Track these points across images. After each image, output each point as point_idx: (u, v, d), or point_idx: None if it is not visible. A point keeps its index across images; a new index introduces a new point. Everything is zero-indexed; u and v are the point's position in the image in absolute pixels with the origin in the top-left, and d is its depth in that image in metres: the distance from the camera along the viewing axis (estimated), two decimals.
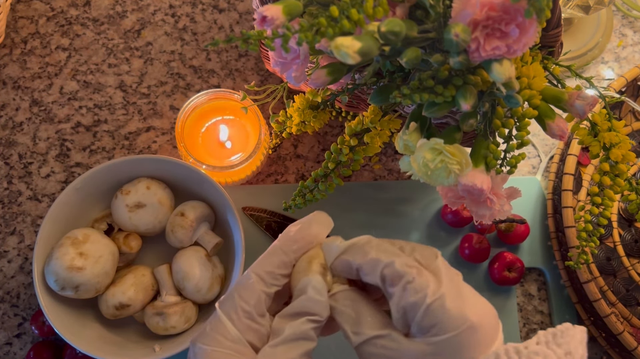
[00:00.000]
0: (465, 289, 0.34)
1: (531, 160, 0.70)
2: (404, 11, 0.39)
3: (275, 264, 0.37)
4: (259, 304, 0.35)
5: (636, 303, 0.62)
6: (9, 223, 0.66)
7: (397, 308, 0.34)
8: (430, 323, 0.32)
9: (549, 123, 0.42)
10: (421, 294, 0.33)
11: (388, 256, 0.35)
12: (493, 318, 0.34)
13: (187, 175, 0.60)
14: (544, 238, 0.67)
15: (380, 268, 0.34)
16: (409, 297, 0.33)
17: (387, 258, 0.34)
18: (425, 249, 0.36)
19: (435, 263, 0.35)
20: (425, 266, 0.35)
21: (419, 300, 0.33)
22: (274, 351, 0.34)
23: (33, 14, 0.71)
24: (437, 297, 0.33)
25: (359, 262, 0.35)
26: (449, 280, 0.34)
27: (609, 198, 0.46)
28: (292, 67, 0.40)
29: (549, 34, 0.45)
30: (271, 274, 0.36)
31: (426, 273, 0.34)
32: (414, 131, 0.43)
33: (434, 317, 0.32)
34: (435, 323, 0.32)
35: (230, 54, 0.71)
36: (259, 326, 0.35)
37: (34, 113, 0.69)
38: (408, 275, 0.33)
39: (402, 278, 0.34)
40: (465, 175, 0.40)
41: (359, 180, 0.69)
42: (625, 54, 0.73)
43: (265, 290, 0.36)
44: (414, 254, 0.35)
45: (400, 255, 0.35)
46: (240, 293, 0.36)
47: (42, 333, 0.62)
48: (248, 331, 0.35)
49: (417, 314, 0.33)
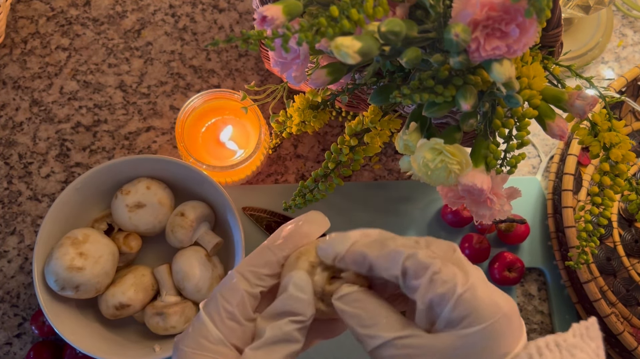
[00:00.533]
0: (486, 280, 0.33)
1: (531, 160, 0.70)
2: (404, 11, 0.39)
3: (260, 263, 0.35)
4: (242, 304, 0.34)
5: (636, 303, 0.62)
6: (9, 223, 0.66)
7: (423, 301, 0.32)
8: (461, 314, 0.31)
9: (549, 123, 0.42)
10: (450, 284, 0.31)
11: (409, 248, 0.33)
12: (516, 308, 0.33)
13: (187, 175, 0.60)
14: (544, 238, 0.67)
15: (402, 260, 0.32)
16: (437, 288, 0.31)
17: (409, 250, 0.32)
18: (441, 243, 0.34)
19: (454, 255, 0.33)
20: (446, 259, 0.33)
21: (449, 291, 0.31)
22: (254, 354, 0.32)
23: (33, 14, 0.71)
24: (468, 287, 0.31)
25: (375, 255, 0.33)
26: (475, 269, 0.33)
27: (609, 198, 0.46)
28: (292, 67, 0.40)
29: (549, 34, 0.45)
30: (255, 273, 0.35)
31: (450, 264, 0.32)
32: (414, 131, 0.43)
33: (466, 308, 0.31)
34: (468, 314, 0.31)
35: (230, 54, 0.71)
36: (243, 327, 0.34)
37: (34, 113, 0.69)
38: (434, 266, 0.31)
39: (427, 269, 0.32)
40: (465, 175, 0.40)
41: (359, 180, 0.69)
42: (625, 54, 0.73)
43: (248, 290, 0.34)
44: (430, 248, 0.34)
45: (421, 247, 0.33)
46: (223, 293, 0.34)
47: (42, 333, 0.62)
48: (231, 332, 0.33)
49: (447, 306, 0.31)
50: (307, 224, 0.36)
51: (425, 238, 0.34)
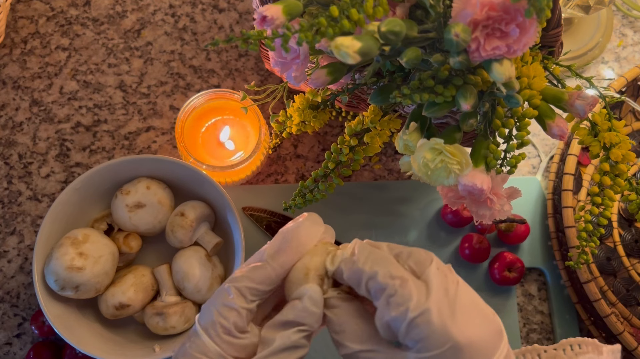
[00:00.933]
0: (462, 299, 0.32)
1: (531, 160, 0.70)
2: (404, 11, 0.39)
3: (259, 279, 0.35)
4: (239, 320, 0.34)
5: (636, 303, 0.62)
6: (9, 223, 0.66)
7: (381, 323, 0.32)
8: (413, 338, 0.31)
9: (549, 123, 0.42)
10: (403, 308, 0.31)
11: (374, 266, 0.32)
12: (491, 335, 0.31)
13: (187, 175, 0.60)
14: (544, 238, 0.67)
15: (365, 281, 0.33)
16: (391, 311, 0.31)
17: (371, 269, 0.32)
18: (420, 254, 0.34)
19: (427, 269, 0.32)
20: (418, 274, 0.33)
21: (401, 315, 0.31)
22: None
23: (33, 14, 0.71)
24: (420, 312, 0.30)
25: (346, 274, 0.34)
26: (442, 289, 0.31)
27: (609, 198, 0.46)
28: (292, 67, 0.40)
29: (549, 34, 0.45)
30: (253, 290, 0.35)
31: (411, 284, 0.31)
32: (414, 131, 0.43)
33: (417, 333, 0.30)
34: (418, 339, 0.30)
35: (230, 54, 0.71)
36: (241, 339, 0.34)
37: (34, 113, 0.69)
38: (390, 288, 0.31)
39: (384, 291, 0.32)
40: (465, 175, 0.40)
41: (359, 180, 0.69)
42: (626, 54, 0.73)
43: (246, 306, 0.34)
44: (408, 261, 0.33)
45: (387, 264, 0.33)
46: (219, 309, 0.34)
47: (42, 333, 0.62)
48: (229, 346, 0.34)
49: (400, 329, 0.31)
50: (304, 231, 0.36)
51: (408, 250, 0.34)
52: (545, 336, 0.65)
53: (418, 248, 0.35)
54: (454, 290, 0.32)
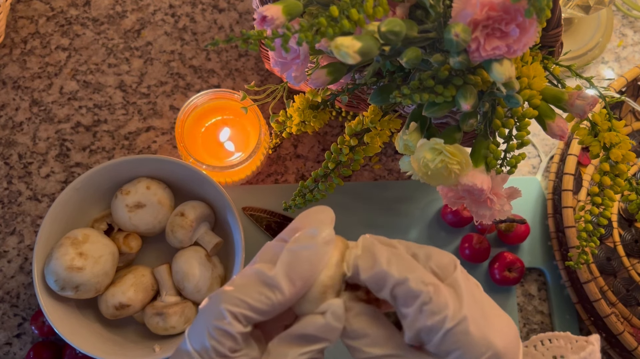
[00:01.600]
0: (487, 306, 0.31)
1: (531, 160, 0.70)
2: (404, 11, 0.39)
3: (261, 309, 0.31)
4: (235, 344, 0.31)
5: (636, 303, 0.62)
6: (9, 223, 0.66)
7: (411, 329, 0.30)
8: (449, 348, 0.29)
9: (549, 123, 0.42)
10: (440, 317, 0.29)
11: (400, 270, 0.30)
12: (516, 340, 0.31)
13: (187, 175, 0.60)
14: (544, 238, 0.67)
15: (391, 286, 0.30)
16: (426, 320, 0.29)
17: (399, 274, 0.30)
18: (442, 256, 0.32)
19: (454, 275, 0.31)
20: (442, 279, 0.31)
21: (437, 324, 0.29)
22: None
23: (33, 14, 0.71)
24: (458, 321, 0.29)
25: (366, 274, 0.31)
26: (471, 296, 0.30)
27: (609, 198, 0.46)
28: (292, 67, 0.40)
29: (549, 34, 0.45)
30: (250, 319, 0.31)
31: (444, 290, 0.30)
32: (414, 131, 0.43)
33: (454, 342, 0.29)
34: (456, 349, 0.29)
35: (230, 54, 0.71)
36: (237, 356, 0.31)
37: (33, 113, 0.69)
38: (424, 295, 0.29)
39: (417, 299, 0.30)
40: (465, 175, 0.40)
41: (359, 180, 0.69)
42: (626, 54, 0.73)
43: (242, 331, 0.31)
44: (429, 263, 0.32)
45: (414, 269, 0.31)
46: (213, 333, 0.31)
47: (42, 333, 0.62)
48: None
49: (435, 338, 0.29)
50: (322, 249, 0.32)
51: (425, 250, 0.32)
52: None
53: (434, 247, 0.33)
54: (479, 295, 0.31)
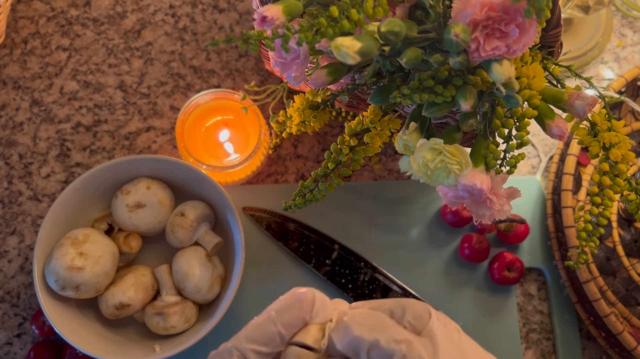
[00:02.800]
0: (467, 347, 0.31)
1: (531, 160, 0.70)
2: (404, 11, 0.39)
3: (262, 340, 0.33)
4: None
5: (636, 303, 0.62)
6: (9, 223, 0.66)
7: None
8: None
9: (549, 123, 0.42)
10: None
11: (372, 332, 0.31)
12: None
13: (187, 175, 0.60)
14: (543, 238, 0.67)
15: (365, 350, 0.31)
16: None
17: (371, 336, 0.31)
18: (417, 306, 0.33)
19: (429, 324, 0.32)
20: (418, 329, 0.32)
21: None
22: None
23: (33, 14, 0.72)
24: None
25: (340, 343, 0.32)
26: (448, 341, 0.31)
27: (609, 198, 0.46)
28: (292, 67, 0.40)
29: (549, 34, 0.45)
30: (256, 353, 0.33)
31: (417, 343, 0.31)
32: (414, 131, 0.43)
33: None
34: None
35: (230, 54, 0.71)
36: None
37: (34, 113, 0.69)
38: (397, 354, 0.30)
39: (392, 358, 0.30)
40: (465, 175, 0.40)
41: (359, 180, 0.69)
42: (625, 54, 0.73)
43: None
44: (405, 316, 0.32)
45: (385, 328, 0.31)
46: None
47: (42, 333, 0.62)
48: None
49: None
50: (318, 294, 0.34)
51: (401, 304, 0.33)
52: (544, 336, 0.65)
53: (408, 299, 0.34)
54: (457, 338, 0.32)
